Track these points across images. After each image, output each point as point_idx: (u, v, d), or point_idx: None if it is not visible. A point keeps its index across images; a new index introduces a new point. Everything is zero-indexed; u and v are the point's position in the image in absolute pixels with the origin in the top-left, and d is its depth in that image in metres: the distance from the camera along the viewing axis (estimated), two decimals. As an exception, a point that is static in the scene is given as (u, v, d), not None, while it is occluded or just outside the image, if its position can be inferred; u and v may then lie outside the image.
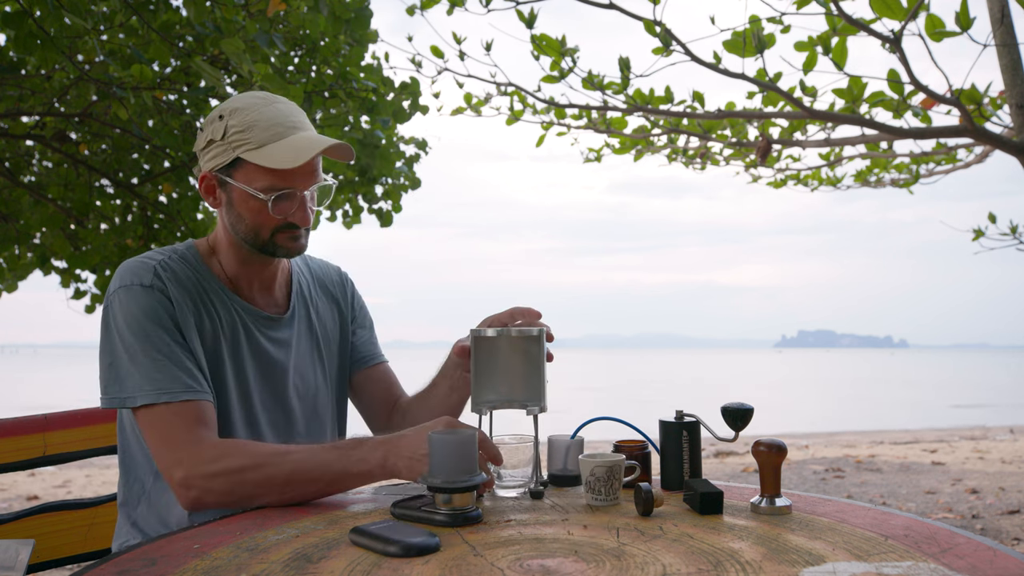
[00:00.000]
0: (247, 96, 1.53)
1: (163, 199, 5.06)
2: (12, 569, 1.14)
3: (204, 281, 1.54)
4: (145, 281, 1.46)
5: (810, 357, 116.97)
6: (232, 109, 1.49)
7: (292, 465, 1.35)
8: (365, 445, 1.38)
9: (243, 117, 1.47)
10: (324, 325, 1.73)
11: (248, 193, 1.48)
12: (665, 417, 1.44)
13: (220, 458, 1.36)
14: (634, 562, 1.02)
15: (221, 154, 1.49)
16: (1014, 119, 3.08)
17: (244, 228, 1.52)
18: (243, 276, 1.59)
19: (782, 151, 5.17)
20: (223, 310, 1.55)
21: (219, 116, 1.50)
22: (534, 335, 1.50)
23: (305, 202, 1.52)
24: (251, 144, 1.46)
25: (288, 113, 1.51)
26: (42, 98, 4.14)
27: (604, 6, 3.12)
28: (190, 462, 1.36)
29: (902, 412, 18.78)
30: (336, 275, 1.82)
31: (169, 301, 1.46)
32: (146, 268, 1.48)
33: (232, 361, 1.54)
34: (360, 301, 1.85)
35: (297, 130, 1.50)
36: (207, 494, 1.36)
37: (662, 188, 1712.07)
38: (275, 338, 1.61)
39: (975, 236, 4.27)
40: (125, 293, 1.44)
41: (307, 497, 1.37)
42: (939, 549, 1.06)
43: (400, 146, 5.30)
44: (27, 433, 1.74)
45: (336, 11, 4.23)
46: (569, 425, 1.58)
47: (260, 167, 1.46)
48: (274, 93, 1.76)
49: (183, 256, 1.55)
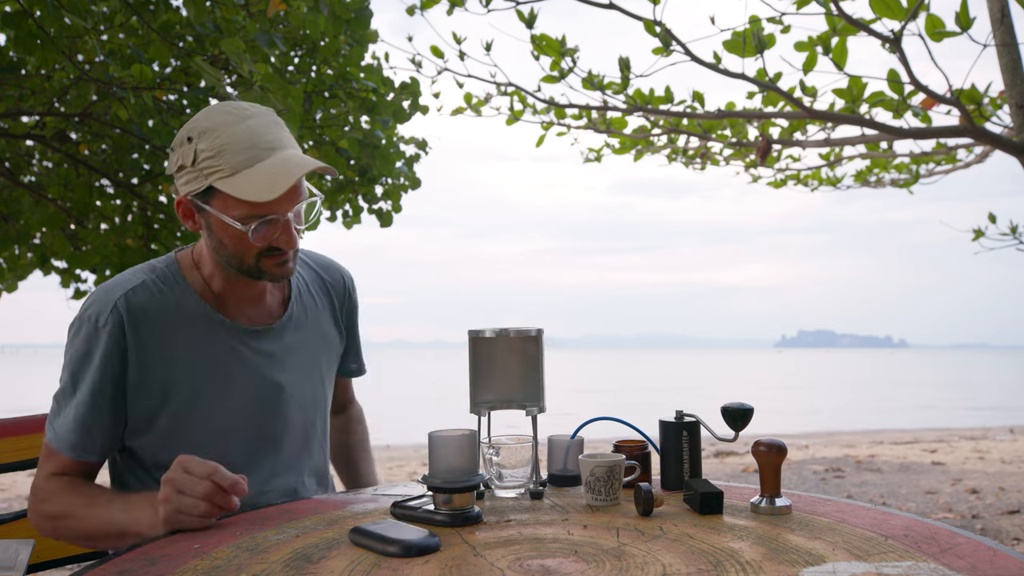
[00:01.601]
0: (217, 112, 1.40)
1: (163, 199, 5.06)
2: (12, 569, 1.14)
3: (181, 302, 1.49)
4: (100, 321, 1.42)
5: (810, 357, 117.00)
6: (201, 131, 1.37)
7: (91, 520, 1.39)
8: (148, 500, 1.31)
9: (213, 140, 1.36)
10: (323, 330, 1.69)
11: (226, 222, 1.39)
12: (665, 417, 1.44)
13: (46, 500, 1.44)
14: (634, 562, 1.02)
15: (193, 180, 1.39)
16: (1014, 119, 3.08)
17: (227, 254, 1.45)
18: (230, 291, 1.53)
19: (782, 151, 5.18)
20: (201, 330, 1.49)
21: (187, 138, 1.38)
22: (532, 335, 1.50)
23: (289, 225, 1.43)
24: (223, 171, 1.35)
25: (262, 130, 1.39)
26: (42, 98, 4.14)
27: (604, 6, 3.12)
28: (32, 493, 1.47)
29: (902, 412, 18.77)
30: (338, 274, 1.76)
31: (117, 344, 1.42)
32: (109, 302, 1.43)
33: (210, 381, 1.49)
34: (356, 305, 1.80)
35: (273, 150, 1.38)
36: (40, 529, 1.46)
37: (662, 188, 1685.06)
38: (263, 350, 1.55)
39: (975, 236, 4.27)
40: (81, 330, 1.45)
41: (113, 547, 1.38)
42: (939, 549, 1.06)
43: (400, 146, 5.30)
44: (27, 433, 1.75)
45: (336, 11, 4.23)
46: (569, 425, 1.58)
47: (236, 198, 1.36)
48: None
49: (162, 275, 1.50)
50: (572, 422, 1.56)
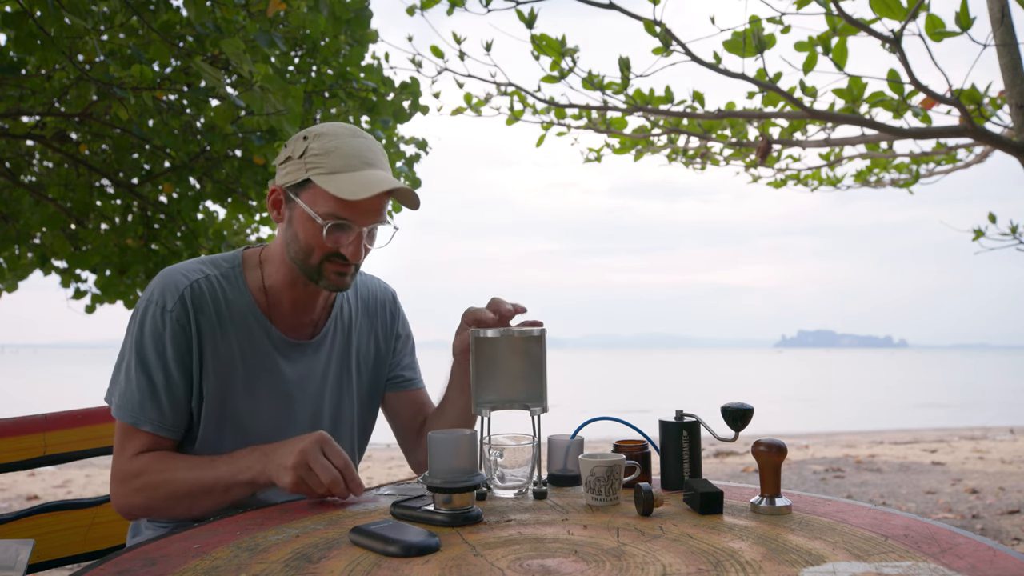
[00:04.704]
0: (337, 124, 1.56)
1: (163, 199, 5.07)
2: (12, 569, 1.14)
3: (238, 302, 1.57)
4: (168, 305, 1.51)
5: (810, 357, 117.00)
6: (317, 133, 1.52)
7: (192, 479, 1.44)
8: (253, 454, 1.43)
9: (325, 142, 1.50)
10: (360, 349, 1.72)
11: (308, 214, 1.50)
12: (665, 417, 1.44)
13: (139, 474, 1.47)
14: (634, 562, 1.02)
15: (294, 171, 1.52)
16: (1014, 119, 3.08)
17: (297, 248, 1.53)
18: (284, 293, 1.60)
19: (782, 151, 5.17)
20: (249, 333, 1.57)
21: (303, 136, 1.53)
22: (535, 335, 1.50)
23: (360, 238, 1.52)
24: (323, 169, 1.49)
25: (368, 150, 1.53)
26: (42, 98, 4.14)
27: (604, 6, 3.12)
28: (118, 477, 1.49)
29: (902, 412, 18.77)
30: (384, 296, 1.81)
31: (183, 330, 1.51)
32: (175, 289, 1.52)
33: (244, 384, 1.56)
34: (405, 326, 1.84)
35: (371, 167, 1.51)
36: (131, 508, 1.49)
37: (661, 191, 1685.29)
38: (296, 365, 1.62)
39: (975, 236, 4.27)
40: (149, 311, 1.52)
41: (212, 507, 1.44)
42: (939, 549, 1.06)
43: (400, 146, 5.30)
44: (27, 433, 1.75)
45: (336, 11, 4.23)
46: (569, 425, 1.58)
47: (326, 192, 1.48)
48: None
49: (225, 274, 1.58)
50: (572, 421, 1.56)
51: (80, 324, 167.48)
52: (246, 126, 3.97)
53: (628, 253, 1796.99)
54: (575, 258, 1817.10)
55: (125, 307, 5.31)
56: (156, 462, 1.48)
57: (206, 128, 4.50)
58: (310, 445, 1.37)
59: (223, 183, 4.74)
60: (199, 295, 1.53)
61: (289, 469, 1.35)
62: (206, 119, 4.40)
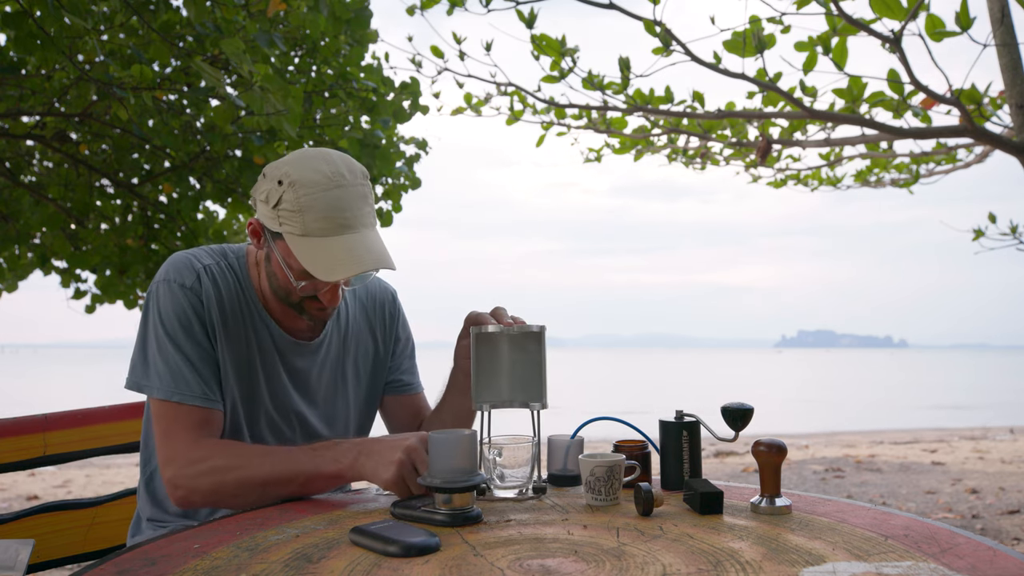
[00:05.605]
0: (312, 165, 1.44)
1: (163, 199, 5.07)
2: (12, 569, 1.14)
3: (244, 295, 1.56)
4: (187, 282, 1.49)
5: (810, 357, 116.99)
6: (292, 181, 1.42)
7: (270, 467, 1.40)
8: (340, 447, 1.41)
9: (298, 196, 1.41)
10: (358, 351, 1.71)
11: (282, 265, 1.48)
12: (665, 417, 1.44)
13: (206, 458, 1.42)
14: (634, 562, 1.02)
15: (269, 219, 1.46)
16: (1014, 119, 3.08)
17: (276, 285, 1.52)
18: (275, 303, 1.58)
19: (782, 151, 5.17)
20: (254, 328, 1.56)
21: (279, 181, 1.43)
22: (535, 332, 1.50)
23: (337, 286, 1.50)
24: (296, 230, 1.42)
25: (346, 203, 1.43)
26: (42, 98, 4.14)
27: (604, 6, 3.12)
28: (180, 462, 1.42)
29: (902, 412, 18.77)
30: (383, 296, 1.78)
31: (202, 304, 1.49)
32: (191, 269, 1.51)
33: (248, 375, 1.55)
34: (404, 329, 1.82)
35: (348, 229, 1.43)
36: (193, 493, 1.42)
37: (661, 191, 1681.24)
38: (298, 365, 1.61)
39: (975, 236, 4.27)
40: (167, 288, 1.49)
41: (284, 496, 1.41)
42: (939, 549, 1.06)
43: (400, 146, 5.30)
44: (27, 433, 1.74)
45: (336, 11, 4.23)
46: (569, 425, 1.58)
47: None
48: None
49: (231, 265, 1.57)
50: (572, 421, 1.56)
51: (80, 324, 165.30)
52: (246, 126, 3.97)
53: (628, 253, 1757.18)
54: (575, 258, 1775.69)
55: (125, 307, 5.31)
56: (224, 447, 1.45)
57: (206, 128, 4.50)
58: (418, 443, 1.35)
59: (223, 183, 4.74)
60: (212, 279, 1.52)
61: (394, 464, 1.33)
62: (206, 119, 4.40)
